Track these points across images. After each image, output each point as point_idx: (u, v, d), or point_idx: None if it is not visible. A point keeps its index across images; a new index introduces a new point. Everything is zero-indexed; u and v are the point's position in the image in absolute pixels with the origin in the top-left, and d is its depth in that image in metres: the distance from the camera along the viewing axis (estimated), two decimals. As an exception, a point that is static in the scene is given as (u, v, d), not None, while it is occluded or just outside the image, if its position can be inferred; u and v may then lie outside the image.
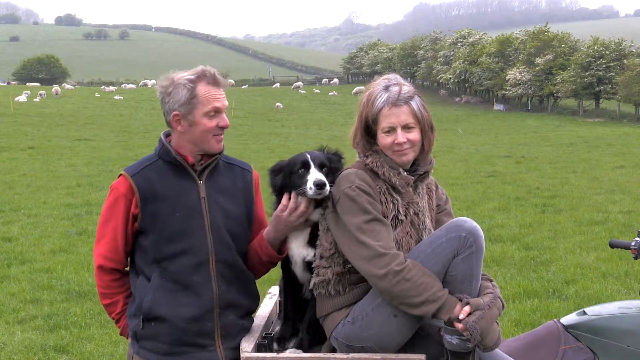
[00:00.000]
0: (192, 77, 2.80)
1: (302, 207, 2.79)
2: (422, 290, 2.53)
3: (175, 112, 2.81)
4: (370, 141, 2.80)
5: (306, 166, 2.75)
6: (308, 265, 2.86)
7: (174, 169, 2.85)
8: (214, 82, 2.81)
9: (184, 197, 2.82)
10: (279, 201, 2.85)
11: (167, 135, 2.92)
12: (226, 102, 2.85)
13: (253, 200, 3.00)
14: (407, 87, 2.75)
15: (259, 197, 3.07)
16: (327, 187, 2.69)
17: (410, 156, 2.75)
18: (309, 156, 2.78)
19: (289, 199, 2.80)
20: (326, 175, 2.73)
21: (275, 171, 2.85)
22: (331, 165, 2.80)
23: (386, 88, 2.74)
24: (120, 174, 2.87)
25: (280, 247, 2.93)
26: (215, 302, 2.82)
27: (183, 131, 2.83)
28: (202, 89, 2.79)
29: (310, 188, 2.69)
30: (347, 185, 2.68)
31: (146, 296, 2.80)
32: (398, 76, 2.81)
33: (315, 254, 2.83)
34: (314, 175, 2.71)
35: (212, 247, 2.83)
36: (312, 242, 2.86)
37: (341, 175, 2.75)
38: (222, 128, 2.83)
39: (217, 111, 2.81)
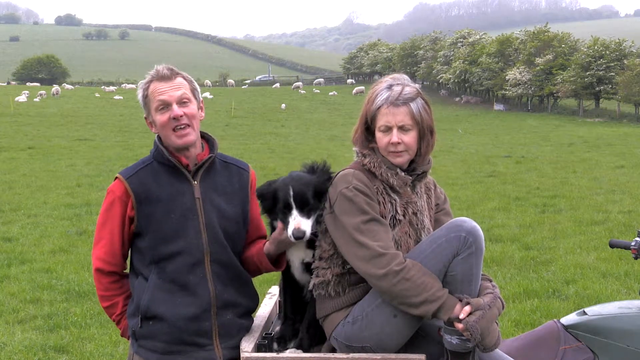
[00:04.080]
0: (147, 78, 2.86)
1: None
2: (421, 290, 2.52)
3: (144, 116, 2.91)
4: (369, 138, 2.79)
5: (288, 207, 2.71)
6: (307, 267, 2.86)
7: (168, 170, 2.86)
8: (161, 77, 2.82)
9: (178, 198, 2.83)
10: (272, 219, 2.84)
11: None
12: (176, 93, 2.79)
13: (249, 199, 2.99)
14: (409, 89, 2.73)
15: (255, 196, 3.04)
16: (308, 233, 2.67)
17: (404, 159, 2.74)
18: (291, 194, 2.69)
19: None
20: (309, 211, 2.70)
21: (262, 197, 2.82)
22: (317, 194, 2.73)
23: (389, 87, 2.73)
24: (116, 177, 2.88)
25: (280, 259, 2.93)
26: (212, 302, 2.82)
27: (156, 132, 2.88)
28: (151, 87, 2.83)
29: (290, 236, 2.69)
30: (344, 186, 2.68)
31: (144, 295, 2.81)
32: (405, 76, 2.80)
33: (313, 255, 2.83)
34: (295, 220, 2.68)
35: (208, 247, 2.83)
36: (309, 244, 2.85)
37: (338, 176, 2.75)
38: (175, 119, 2.78)
39: (165, 104, 2.79)
